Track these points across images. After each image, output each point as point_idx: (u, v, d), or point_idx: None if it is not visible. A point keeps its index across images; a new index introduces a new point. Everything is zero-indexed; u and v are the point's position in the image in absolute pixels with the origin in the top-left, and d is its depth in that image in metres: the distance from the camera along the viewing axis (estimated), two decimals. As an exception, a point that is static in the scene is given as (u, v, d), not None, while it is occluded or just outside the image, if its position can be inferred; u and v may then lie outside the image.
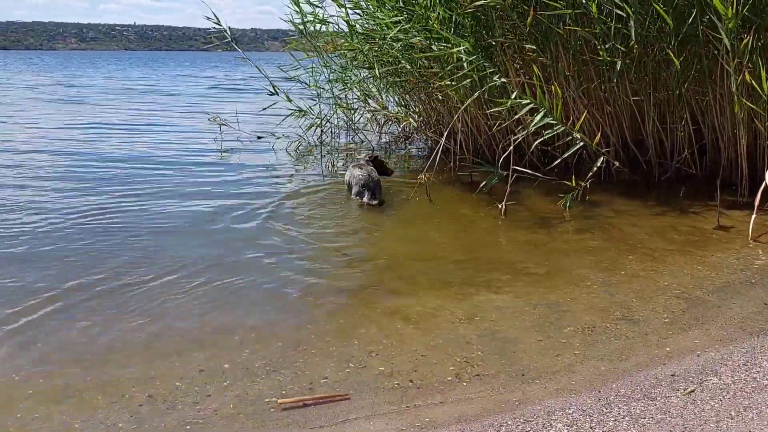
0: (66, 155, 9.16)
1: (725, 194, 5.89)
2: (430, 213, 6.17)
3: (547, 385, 3.00)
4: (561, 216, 5.88)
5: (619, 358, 3.26)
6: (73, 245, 5.00)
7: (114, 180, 7.41)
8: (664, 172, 7.10)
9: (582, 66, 6.93)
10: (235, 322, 3.68)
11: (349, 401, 2.88)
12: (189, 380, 3.06)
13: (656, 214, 5.91)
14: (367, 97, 9.55)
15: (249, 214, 5.98)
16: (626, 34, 6.13)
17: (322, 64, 9.41)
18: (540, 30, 6.72)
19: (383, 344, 3.41)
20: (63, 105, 17.69)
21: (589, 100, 7.09)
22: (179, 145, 10.42)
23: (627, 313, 3.79)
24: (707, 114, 6.74)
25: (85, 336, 3.51)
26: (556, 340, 3.46)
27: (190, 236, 5.31)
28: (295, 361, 3.24)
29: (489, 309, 3.85)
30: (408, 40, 7.31)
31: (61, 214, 5.87)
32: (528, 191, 6.62)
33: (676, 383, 2.93)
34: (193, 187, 7.14)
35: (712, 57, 6.26)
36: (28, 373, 3.12)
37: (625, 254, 4.85)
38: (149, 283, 4.24)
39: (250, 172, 8.04)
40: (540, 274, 4.45)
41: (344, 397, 2.90)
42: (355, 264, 4.76)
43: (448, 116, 8.07)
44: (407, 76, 8.12)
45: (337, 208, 6.41)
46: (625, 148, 7.28)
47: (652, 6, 5.94)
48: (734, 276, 4.37)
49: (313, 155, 9.44)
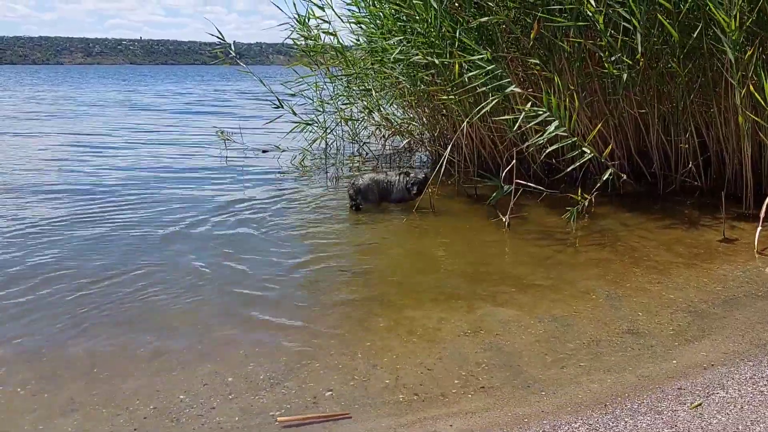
0: (77, 170, 9.20)
1: (730, 206, 5.88)
2: (435, 225, 6.17)
3: (552, 398, 2.99)
4: (566, 229, 5.86)
5: (625, 370, 3.24)
6: (77, 258, 5.02)
7: (119, 193, 7.45)
8: (669, 185, 7.09)
9: (586, 79, 6.95)
10: (240, 336, 3.68)
11: (350, 419, 2.87)
12: (193, 393, 3.05)
13: (661, 227, 5.89)
14: (370, 111, 9.59)
15: (253, 227, 5.99)
16: (632, 46, 6.15)
17: (327, 76, 9.46)
18: (543, 44, 6.74)
19: (388, 357, 3.40)
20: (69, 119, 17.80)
21: (593, 113, 7.10)
22: (183, 158, 10.47)
23: (633, 326, 3.77)
24: (712, 126, 6.74)
25: (91, 349, 3.52)
26: (561, 352, 3.44)
27: (193, 250, 5.30)
28: (300, 374, 3.23)
29: (494, 322, 3.84)
30: (409, 59, 7.35)
31: (65, 226, 5.90)
32: (533, 204, 6.62)
33: (682, 396, 2.92)
34: (196, 200, 7.17)
35: (717, 70, 6.27)
36: (34, 387, 3.12)
37: (631, 267, 4.83)
38: (153, 296, 4.25)
39: (254, 185, 8.07)
40: (545, 287, 4.43)
41: (345, 415, 2.88)
42: (359, 276, 4.75)
43: (452, 129, 8.09)
44: (409, 96, 8.17)
45: (341, 220, 6.41)
46: (630, 160, 7.28)
47: (657, 19, 5.96)
48: (740, 289, 4.35)
49: (318, 168, 9.46)
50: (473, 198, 7.06)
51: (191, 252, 5.23)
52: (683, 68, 6.04)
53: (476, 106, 7.00)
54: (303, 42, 9.34)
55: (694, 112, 6.68)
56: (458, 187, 7.52)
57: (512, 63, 7.17)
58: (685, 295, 4.26)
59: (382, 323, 3.84)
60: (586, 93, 6.97)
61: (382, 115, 9.66)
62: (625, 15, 5.98)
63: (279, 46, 12.33)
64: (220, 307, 4.12)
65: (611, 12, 6.02)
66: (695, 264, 4.89)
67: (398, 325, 3.80)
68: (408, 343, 3.57)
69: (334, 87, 9.49)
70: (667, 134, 6.95)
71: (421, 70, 7.55)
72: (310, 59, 9.44)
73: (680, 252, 5.18)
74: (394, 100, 9.32)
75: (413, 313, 3.98)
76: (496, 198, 6.43)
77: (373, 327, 3.80)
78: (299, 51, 9.58)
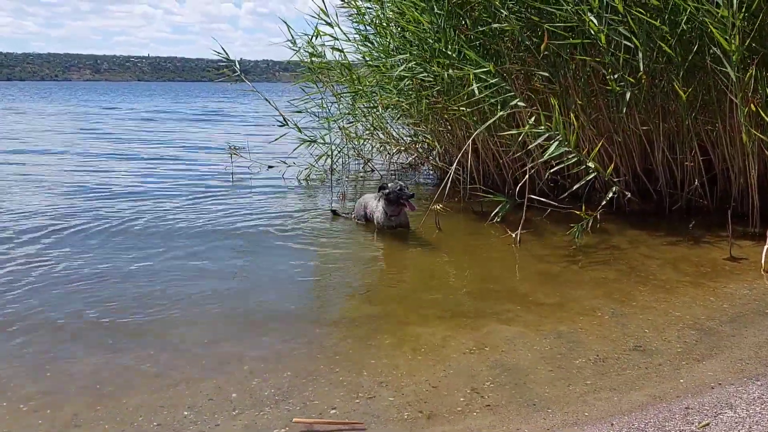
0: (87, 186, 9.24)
1: (737, 224, 5.86)
2: (440, 242, 6.16)
3: (558, 415, 2.96)
4: (572, 246, 5.85)
5: (632, 388, 3.21)
6: (80, 273, 5.02)
7: (119, 207, 7.46)
8: (675, 203, 7.07)
9: (590, 96, 6.96)
10: (244, 351, 3.67)
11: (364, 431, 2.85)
12: (198, 409, 3.04)
13: (668, 245, 5.88)
14: (375, 129, 9.64)
15: (257, 242, 6.01)
16: (634, 65, 6.17)
17: (333, 94, 9.51)
18: (549, 62, 6.77)
19: (393, 374, 3.38)
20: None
21: (598, 130, 7.11)
22: (188, 171, 10.52)
23: (639, 343, 3.75)
24: (717, 144, 6.73)
25: (94, 365, 3.51)
26: (567, 370, 3.42)
27: (196, 266, 5.31)
28: (304, 390, 3.21)
29: (499, 340, 3.82)
30: (414, 75, 7.40)
31: (71, 241, 5.91)
32: (538, 221, 6.61)
33: (690, 416, 2.88)
34: (199, 214, 7.19)
35: (720, 88, 6.28)
36: (37, 402, 3.11)
37: (637, 285, 4.81)
38: (158, 311, 4.25)
39: (259, 200, 8.10)
40: (551, 305, 4.41)
41: (359, 424, 2.87)
42: (364, 293, 4.74)
43: (457, 146, 8.11)
44: (415, 113, 8.22)
45: (346, 237, 6.41)
46: (636, 178, 7.28)
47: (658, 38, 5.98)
48: (747, 307, 4.33)
49: (323, 183, 9.48)
50: (479, 214, 7.05)
51: (194, 268, 5.23)
52: (686, 86, 6.04)
53: (481, 122, 7.03)
54: (308, 59, 9.39)
55: (698, 130, 6.68)
56: (464, 203, 7.52)
57: (517, 81, 7.19)
58: (692, 313, 4.23)
59: (387, 340, 3.83)
60: (590, 110, 6.98)
61: (386, 132, 9.71)
62: (626, 33, 6.01)
63: (285, 63, 12.42)
64: (224, 322, 4.11)
65: (611, 32, 6.05)
66: (702, 282, 4.86)
67: (403, 342, 3.79)
68: (413, 361, 3.55)
69: (339, 105, 9.53)
70: (673, 152, 6.94)
71: (426, 87, 7.58)
72: (316, 76, 9.49)
73: (686, 270, 5.16)
74: (398, 118, 9.39)
75: (418, 330, 3.96)
76: (502, 213, 6.42)
77: (378, 344, 3.78)
78: (305, 68, 9.64)
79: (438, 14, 6.95)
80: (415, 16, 7.11)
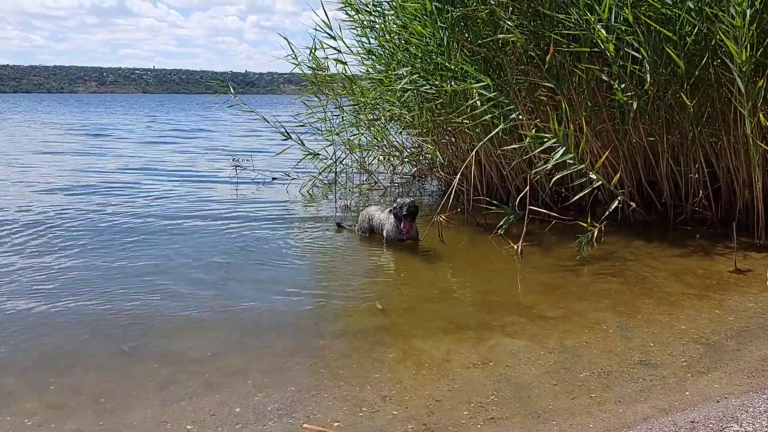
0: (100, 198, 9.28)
1: (742, 237, 5.84)
2: (444, 254, 6.15)
3: (563, 428, 2.95)
4: (576, 258, 5.84)
5: (637, 401, 3.20)
6: (85, 286, 5.03)
7: (120, 220, 7.48)
8: (680, 215, 7.06)
9: (595, 107, 6.97)
10: (247, 365, 3.66)
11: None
12: (200, 424, 3.03)
13: (673, 257, 5.86)
14: (378, 140, 9.67)
15: (260, 255, 6.01)
16: (640, 76, 6.17)
17: (336, 107, 9.56)
18: (552, 73, 6.78)
19: (397, 388, 3.37)
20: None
21: (602, 141, 7.11)
22: (193, 183, 10.55)
23: (644, 356, 3.73)
24: (722, 156, 6.72)
25: (97, 379, 3.50)
26: (572, 383, 3.40)
27: (198, 278, 5.31)
28: (308, 404, 3.20)
29: (503, 353, 3.80)
30: (417, 88, 7.42)
31: (75, 253, 5.92)
32: (542, 232, 6.60)
33: (695, 430, 2.87)
34: (203, 227, 7.20)
35: (725, 100, 6.28)
36: (41, 417, 3.10)
37: (642, 298, 4.79)
38: (161, 326, 4.25)
39: (264, 212, 8.10)
40: (555, 318, 4.40)
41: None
42: (367, 305, 4.73)
43: (460, 158, 8.12)
44: (418, 125, 8.26)
45: (350, 249, 6.41)
46: (640, 189, 7.27)
47: (664, 49, 5.99)
48: (753, 320, 4.30)
49: (326, 196, 9.50)
50: (482, 226, 7.05)
51: (197, 280, 5.24)
52: (691, 98, 6.05)
53: (486, 133, 7.04)
54: (310, 72, 9.45)
55: (703, 142, 6.67)
56: (467, 215, 7.52)
57: (520, 92, 7.21)
58: (697, 326, 4.21)
59: (391, 354, 3.82)
60: (595, 122, 6.99)
61: (390, 143, 9.74)
62: (634, 44, 6.02)
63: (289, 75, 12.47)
64: (228, 335, 4.11)
65: (619, 42, 6.06)
66: (707, 294, 4.84)
67: (407, 356, 3.78)
68: (417, 375, 3.54)
69: (342, 118, 9.57)
70: (677, 164, 6.94)
71: (429, 100, 7.60)
72: (320, 89, 9.54)
73: (691, 282, 5.15)
74: (402, 131, 9.42)
75: (422, 344, 3.95)
76: (506, 224, 6.41)
77: (382, 357, 3.77)
78: (309, 81, 9.69)
79: (441, 27, 6.98)
80: (418, 29, 7.15)
